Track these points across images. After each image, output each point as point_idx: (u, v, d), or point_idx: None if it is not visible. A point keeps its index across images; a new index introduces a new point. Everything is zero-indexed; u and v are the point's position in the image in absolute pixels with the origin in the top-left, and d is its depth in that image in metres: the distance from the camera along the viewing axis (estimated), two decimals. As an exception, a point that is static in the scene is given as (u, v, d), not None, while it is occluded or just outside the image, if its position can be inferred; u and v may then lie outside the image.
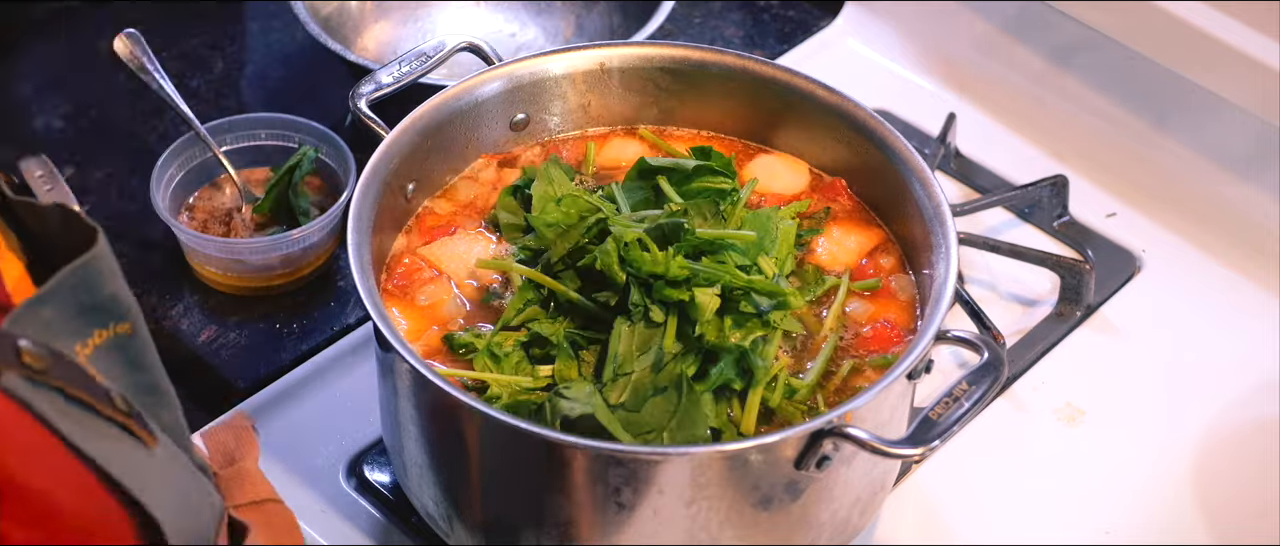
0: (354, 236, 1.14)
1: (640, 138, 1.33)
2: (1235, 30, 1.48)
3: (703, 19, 1.77)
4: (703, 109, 1.33)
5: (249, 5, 1.75)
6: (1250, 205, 1.51)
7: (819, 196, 1.29)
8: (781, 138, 1.32)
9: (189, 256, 1.44)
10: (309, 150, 1.45)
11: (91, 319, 0.83)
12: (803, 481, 1.09)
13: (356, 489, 1.29)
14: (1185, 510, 1.30)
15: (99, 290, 0.84)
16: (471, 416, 1.08)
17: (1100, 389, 1.39)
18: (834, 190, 1.29)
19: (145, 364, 0.88)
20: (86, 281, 0.83)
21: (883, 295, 1.22)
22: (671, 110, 1.34)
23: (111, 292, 0.85)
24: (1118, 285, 1.49)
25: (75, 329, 0.82)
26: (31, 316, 0.80)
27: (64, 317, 0.82)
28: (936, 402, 1.07)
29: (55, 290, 0.81)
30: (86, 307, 0.83)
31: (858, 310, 1.21)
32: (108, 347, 0.84)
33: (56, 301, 0.81)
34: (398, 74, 1.29)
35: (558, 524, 1.10)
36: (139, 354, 0.87)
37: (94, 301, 0.84)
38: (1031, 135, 1.62)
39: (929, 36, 1.71)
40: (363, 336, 1.39)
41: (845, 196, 1.29)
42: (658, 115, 1.34)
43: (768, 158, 1.32)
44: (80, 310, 0.83)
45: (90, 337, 0.83)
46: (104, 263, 0.84)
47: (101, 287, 0.84)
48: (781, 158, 1.32)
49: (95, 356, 0.83)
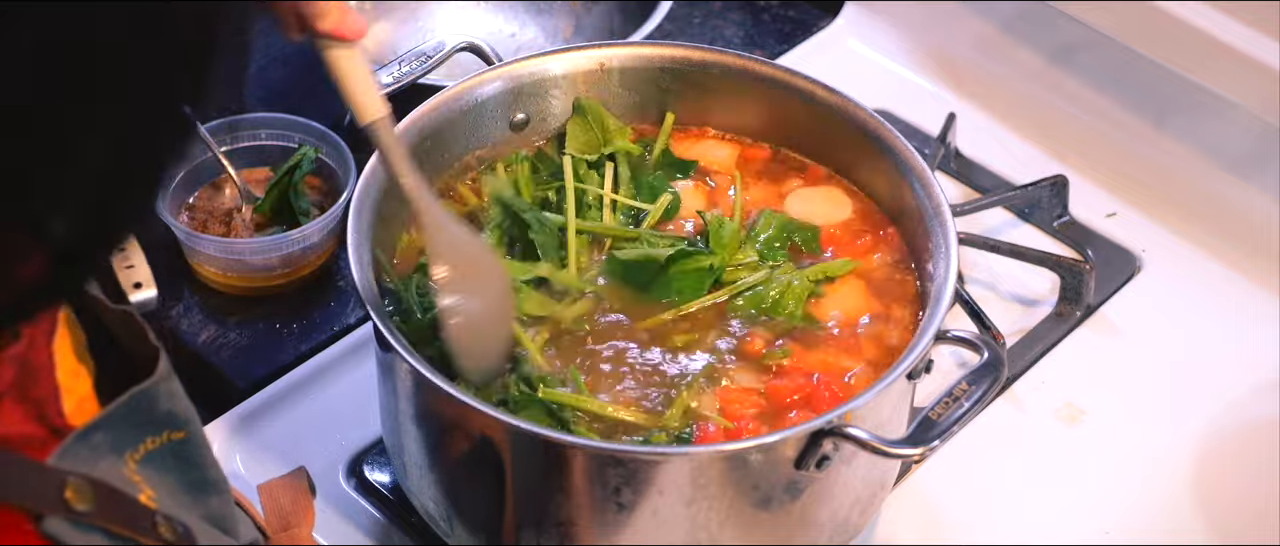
0: (354, 236, 1.14)
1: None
2: (1235, 30, 1.48)
3: (702, 19, 1.77)
4: (702, 109, 1.33)
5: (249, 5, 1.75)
6: (1250, 205, 1.51)
7: (870, 237, 1.27)
8: (781, 138, 1.32)
9: (189, 256, 1.44)
10: (309, 150, 1.45)
11: (144, 431, 0.82)
12: (803, 481, 1.09)
13: (356, 489, 1.29)
14: (1185, 510, 1.30)
15: (156, 410, 0.82)
16: (472, 416, 1.08)
17: (1100, 389, 1.39)
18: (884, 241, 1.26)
19: (197, 462, 0.86)
20: (143, 406, 0.81)
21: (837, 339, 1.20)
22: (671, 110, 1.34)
23: (168, 410, 0.83)
24: (1118, 285, 1.49)
25: (127, 441, 0.81)
26: (80, 446, 0.77)
27: (116, 438, 0.80)
28: (936, 402, 1.07)
29: (109, 418, 0.79)
30: (141, 424, 0.82)
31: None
32: (159, 453, 0.83)
33: (109, 427, 0.79)
34: (398, 74, 1.29)
35: (558, 524, 1.10)
36: (192, 454, 0.85)
37: (149, 419, 0.82)
38: (1031, 135, 1.62)
39: (929, 36, 1.71)
40: (363, 336, 1.39)
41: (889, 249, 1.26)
42: (657, 115, 1.34)
43: (807, 190, 1.30)
44: (133, 426, 0.81)
45: (142, 445, 0.82)
46: (163, 386, 0.82)
47: (159, 408, 0.82)
48: (824, 190, 1.30)
49: (145, 460, 0.81)
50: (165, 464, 0.83)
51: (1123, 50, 1.56)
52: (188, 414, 0.85)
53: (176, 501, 0.83)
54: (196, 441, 0.86)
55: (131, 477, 0.80)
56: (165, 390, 0.83)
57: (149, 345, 0.84)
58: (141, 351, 0.83)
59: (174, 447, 0.84)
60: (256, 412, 1.33)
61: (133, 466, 0.81)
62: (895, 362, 1.10)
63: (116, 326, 0.85)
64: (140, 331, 0.84)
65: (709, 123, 1.34)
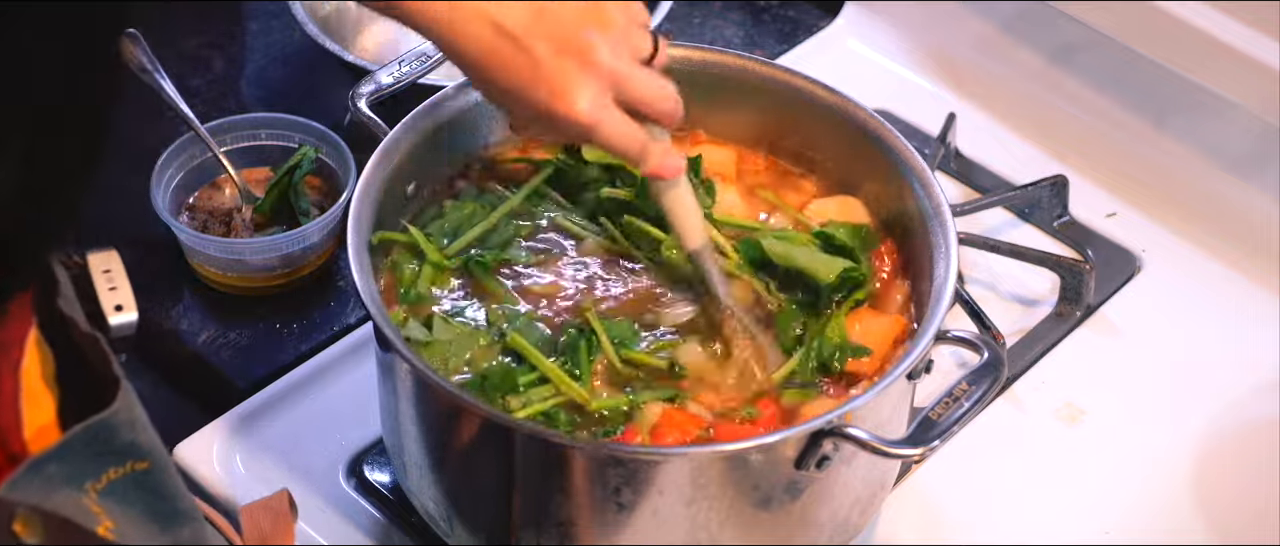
0: (354, 236, 1.14)
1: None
2: (1235, 30, 1.48)
3: (702, 19, 1.77)
4: (702, 109, 1.33)
5: (249, 5, 1.75)
6: (1250, 205, 1.51)
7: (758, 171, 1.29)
8: (780, 138, 1.32)
9: (189, 256, 1.44)
10: (309, 150, 1.45)
11: (106, 462, 0.80)
12: (803, 481, 1.09)
13: (356, 489, 1.29)
14: (1185, 510, 1.30)
15: (116, 440, 0.80)
16: (472, 416, 1.08)
17: (1100, 389, 1.39)
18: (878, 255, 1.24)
19: (163, 493, 0.84)
20: (102, 436, 0.79)
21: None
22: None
23: (129, 440, 0.81)
24: (1118, 285, 1.49)
25: (87, 472, 0.79)
26: (33, 477, 0.76)
27: (73, 468, 0.78)
28: (936, 402, 1.07)
29: (65, 448, 0.77)
30: (101, 454, 0.79)
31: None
32: (121, 483, 0.81)
33: (64, 457, 0.77)
34: (398, 74, 1.29)
35: (558, 524, 1.10)
36: (158, 485, 0.83)
37: (110, 449, 0.80)
38: (1031, 135, 1.62)
39: (929, 36, 1.71)
40: (363, 336, 1.39)
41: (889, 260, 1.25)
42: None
43: (821, 202, 1.29)
44: (94, 457, 0.79)
45: (104, 475, 0.80)
46: (123, 416, 0.80)
47: (119, 438, 0.80)
48: (837, 200, 1.29)
49: (107, 491, 0.80)
50: (129, 495, 0.81)
51: (1123, 50, 1.56)
52: (152, 444, 0.83)
53: (143, 532, 0.82)
54: (161, 471, 0.84)
55: (91, 508, 0.78)
56: (126, 420, 0.81)
57: (112, 374, 0.81)
58: (107, 379, 0.81)
59: (137, 478, 0.82)
60: (256, 412, 1.33)
61: (93, 496, 0.79)
62: (895, 363, 1.10)
63: (85, 350, 0.83)
64: (105, 359, 0.82)
65: (709, 122, 1.34)
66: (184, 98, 1.46)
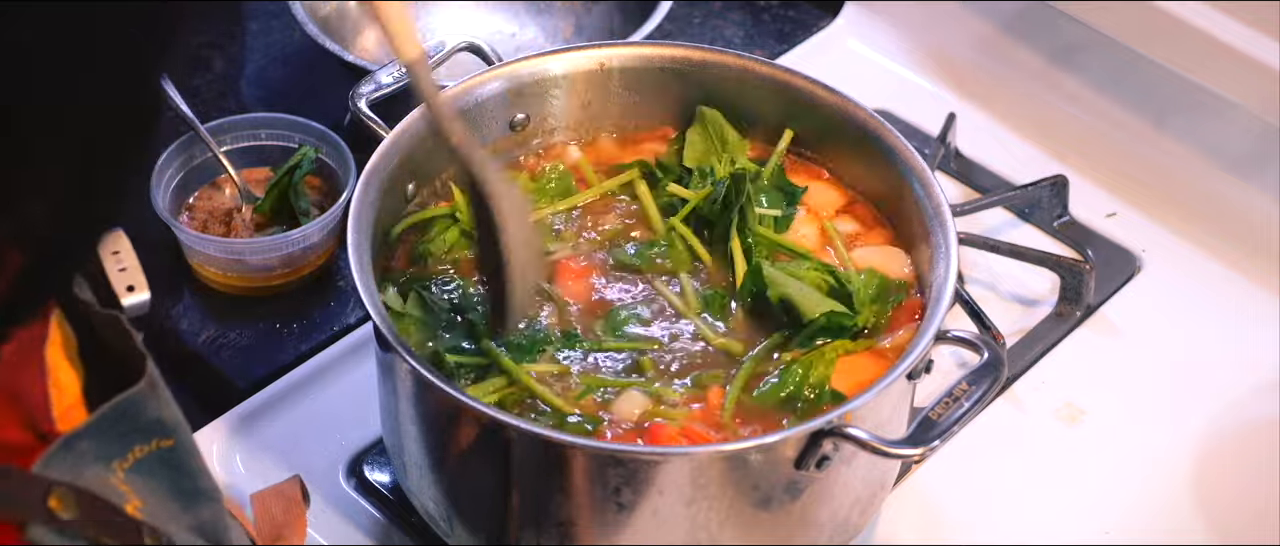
0: (354, 236, 1.14)
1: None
2: (1235, 30, 1.48)
3: (702, 19, 1.77)
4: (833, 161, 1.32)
5: (249, 5, 1.75)
6: (1250, 205, 1.51)
7: (849, 217, 1.28)
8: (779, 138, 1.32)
9: (189, 256, 1.44)
10: (309, 150, 1.45)
11: (132, 439, 0.81)
12: (803, 481, 1.09)
13: (356, 489, 1.29)
14: (1185, 510, 1.30)
15: (143, 417, 0.81)
16: (472, 416, 1.08)
17: (1100, 389, 1.39)
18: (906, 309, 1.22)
19: (187, 470, 0.84)
20: (130, 413, 0.80)
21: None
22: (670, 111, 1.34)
23: (156, 417, 0.82)
24: (1118, 285, 1.49)
25: (114, 450, 0.80)
26: (65, 453, 0.77)
27: (102, 445, 0.79)
28: (936, 402, 1.07)
29: (95, 425, 0.78)
30: (128, 431, 0.80)
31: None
32: (148, 461, 0.81)
33: (94, 434, 0.78)
34: (397, 74, 1.29)
35: (558, 524, 1.10)
36: (181, 462, 0.84)
37: (137, 426, 0.81)
38: (1031, 135, 1.62)
39: (929, 36, 1.71)
40: (363, 336, 1.39)
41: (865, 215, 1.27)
42: (659, 117, 1.34)
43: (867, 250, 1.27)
44: (121, 434, 0.80)
45: (130, 453, 0.81)
46: (149, 392, 0.81)
47: (146, 415, 0.81)
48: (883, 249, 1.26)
49: (134, 469, 0.80)
50: (154, 472, 0.82)
51: (1123, 50, 1.56)
52: (176, 421, 0.84)
53: (167, 510, 0.82)
54: (186, 449, 0.85)
55: (119, 487, 0.79)
56: (153, 396, 0.82)
57: (136, 350, 0.82)
58: (130, 357, 0.82)
59: (163, 455, 0.82)
60: (256, 412, 1.33)
61: (121, 475, 0.80)
62: (895, 363, 1.10)
63: (105, 331, 0.84)
64: (127, 336, 0.83)
65: (839, 168, 1.32)
66: (184, 97, 1.46)
